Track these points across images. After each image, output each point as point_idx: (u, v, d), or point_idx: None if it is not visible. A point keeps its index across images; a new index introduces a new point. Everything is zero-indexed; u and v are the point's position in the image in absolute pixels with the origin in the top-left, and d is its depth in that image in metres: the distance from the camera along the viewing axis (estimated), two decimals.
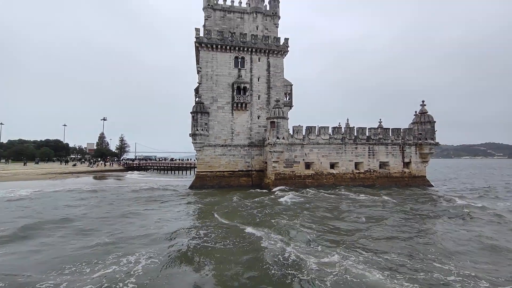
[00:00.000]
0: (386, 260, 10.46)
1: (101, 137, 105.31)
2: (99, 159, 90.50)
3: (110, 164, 79.32)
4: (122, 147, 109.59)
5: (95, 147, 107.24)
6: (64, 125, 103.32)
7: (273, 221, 16.30)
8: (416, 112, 36.06)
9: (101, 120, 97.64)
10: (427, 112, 35.13)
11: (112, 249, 11.66)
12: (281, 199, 23.49)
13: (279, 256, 10.85)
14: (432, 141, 34.59)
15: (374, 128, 34.84)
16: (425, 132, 34.75)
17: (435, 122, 34.88)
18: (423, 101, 35.59)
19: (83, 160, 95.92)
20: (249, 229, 14.47)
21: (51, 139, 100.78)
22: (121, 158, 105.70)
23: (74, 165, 73.84)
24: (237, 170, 35.47)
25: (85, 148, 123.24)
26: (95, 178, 50.28)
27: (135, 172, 71.02)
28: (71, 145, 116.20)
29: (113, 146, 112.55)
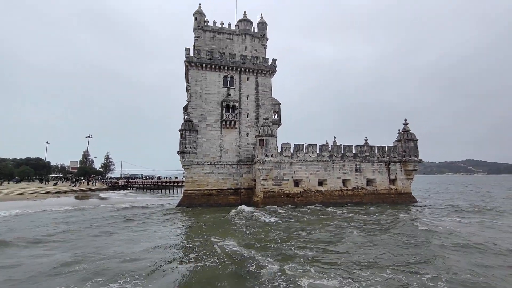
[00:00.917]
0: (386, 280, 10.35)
1: (85, 155, 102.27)
2: (82, 178, 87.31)
3: (93, 183, 76.51)
4: (107, 165, 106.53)
5: (78, 166, 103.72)
6: (47, 142, 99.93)
7: (260, 240, 16.00)
8: (399, 130, 37.33)
9: (86, 137, 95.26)
10: (409, 130, 36.45)
11: (91, 274, 10.97)
12: (265, 219, 23.12)
13: (273, 278, 10.59)
14: (415, 158, 35.63)
15: (360, 146, 35.65)
16: (408, 150, 35.84)
17: (417, 140, 36.15)
18: (405, 120, 37.01)
19: (64, 179, 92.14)
20: (239, 249, 14.11)
21: (32, 157, 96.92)
22: (106, 176, 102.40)
23: (55, 184, 70.74)
24: (225, 188, 35.04)
25: (68, 166, 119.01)
26: (76, 198, 48.23)
27: (120, 191, 68.78)
28: (53, 163, 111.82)
29: (98, 164, 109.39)
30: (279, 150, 32.72)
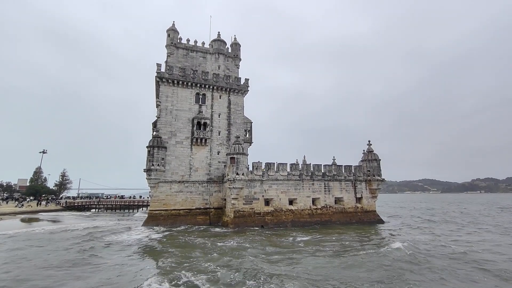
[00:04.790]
0: None
1: (37, 172, 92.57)
2: (32, 197, 78.41)
3: (45, 204, 68.95)
4: (63, 184, 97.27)
5: (28, 184, 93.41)
6: None
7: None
8: (364, 150, 39.43)
9: (40, 152, 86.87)
10: (373, 150, 38.65)
11: None
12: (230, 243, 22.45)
13: None
14: (379, 178, 37.57)
15: (328, 165, 36.82)
16: (372, 169, 37.77)
17: (380, 160, 38.38)
18: (369, 141, 39.28)
19: (10, 199, 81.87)
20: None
21: None
22: (60, 196, 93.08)
23: None
24: (194, 208, 33.65)
25: (15, 185, 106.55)
26: (23, 221, 42.78)
27: (76, 212, 62.67)
28: None
29: (52, 182, 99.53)
30: (250, 168, 32.54)
